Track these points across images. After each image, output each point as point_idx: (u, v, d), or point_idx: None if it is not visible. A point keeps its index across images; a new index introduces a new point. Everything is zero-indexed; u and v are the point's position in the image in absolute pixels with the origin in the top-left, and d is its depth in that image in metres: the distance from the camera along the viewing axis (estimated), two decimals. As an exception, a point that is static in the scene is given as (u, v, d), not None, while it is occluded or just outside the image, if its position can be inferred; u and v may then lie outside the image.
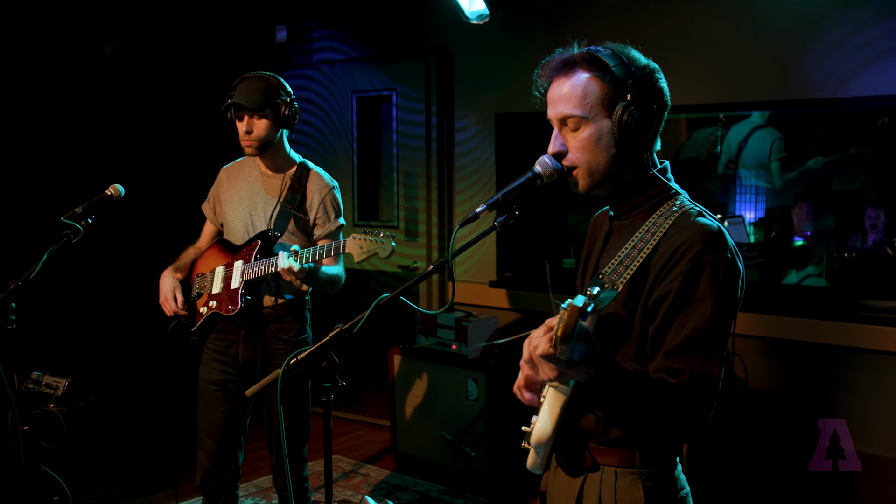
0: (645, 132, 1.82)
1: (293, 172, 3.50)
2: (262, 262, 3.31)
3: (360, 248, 3.03)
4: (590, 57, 1.84)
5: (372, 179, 5.97)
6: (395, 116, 5.62)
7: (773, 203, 4.94)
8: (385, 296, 1.98)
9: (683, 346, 1.71)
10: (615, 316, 1.83)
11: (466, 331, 4.75)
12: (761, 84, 4.32)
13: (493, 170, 5.32)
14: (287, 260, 3.11)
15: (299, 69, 6.03)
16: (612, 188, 1.89)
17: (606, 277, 1.76)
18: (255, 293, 3.41)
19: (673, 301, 1.73)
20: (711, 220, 1.79)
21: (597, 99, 1.82)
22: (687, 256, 1.73)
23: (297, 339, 3.48)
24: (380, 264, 5.69)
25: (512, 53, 5.17)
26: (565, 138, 1.87)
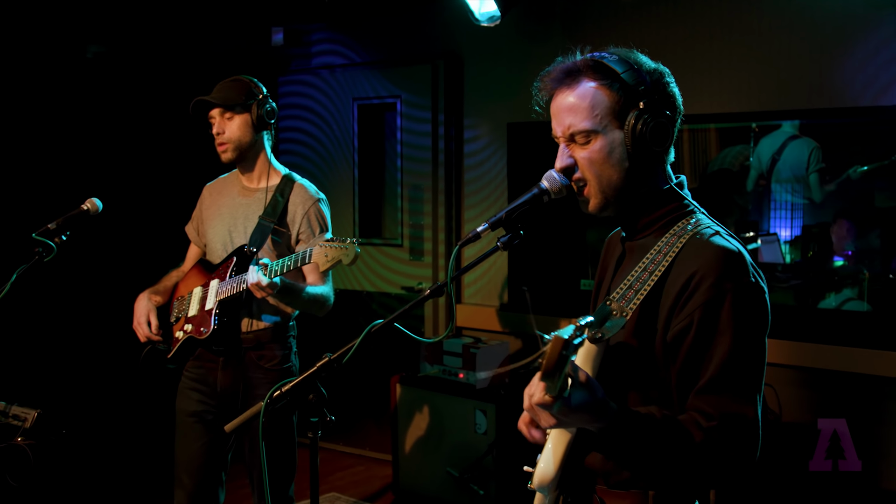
0: (661, 141, 1.81)
1: (277, 185, 3.50)
2: (236, 279, 3.30)
3: (325, 257, 3.00)
4: (595, 64, 1.84)
5: (374, 194, 5.97)
6: (399, 126, 5.63)
7: (810, 219, 4.87)
8: (377, 322, 1.97)
9: (711, 385, 1.68)
10: (625, 346, 1.80)
11: (475, 358, 4.74)
12: (798, 92, 4.29)
13: (505, 184, 5.31)
14: (256, 274, 3.09)
15: (297, 74, 6.06)
16: (624, 206, 1.88)
17: (615, 303, 1.75)
18: (232, 314, 3.40)
19: (695, 336, 1.70)
20: (730, 240, 1.78)
21: (606, 109, 1.81)
22: (706, 284, 1.70)
23: (281, 368, 3.46)
24: (383, 285, 5.66)
25: (526, 58, 5.16)
26: (574, 153, 1.86)
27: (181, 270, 3.70)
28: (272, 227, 3.41)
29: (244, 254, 3.39)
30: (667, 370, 1.76)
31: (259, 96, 3.43)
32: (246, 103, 3.40)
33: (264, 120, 3.42)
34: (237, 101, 3.39)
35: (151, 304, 3.48)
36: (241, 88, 3.42)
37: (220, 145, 3.45)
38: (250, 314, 3.43)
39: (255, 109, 3.41)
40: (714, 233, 1.79)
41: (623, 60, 1.83)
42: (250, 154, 3.49)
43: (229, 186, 3.62)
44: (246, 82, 3.45)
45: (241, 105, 3.40)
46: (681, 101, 1.89)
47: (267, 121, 3.43)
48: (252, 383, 3.43)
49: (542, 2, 5.05)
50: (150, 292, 3.54)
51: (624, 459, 1.73)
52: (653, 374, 1.79)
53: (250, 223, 3.47)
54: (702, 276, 1.70)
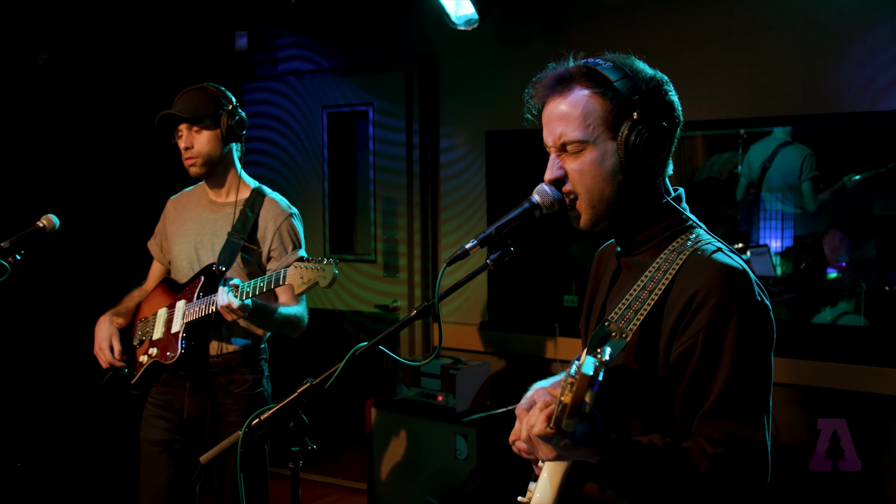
0: (655, 154, 1.81)
1: (246, 199, 3.48)
2: (205, 300, 3.28)
3: (300, 279, 3.00)
4: (588, 71, 1.84)
5: (345, 207, 5.96)
6: (371, 135, 5.61)
7: (802, 230, 4.89)
8: (361, 345, 1.97)
9: (716, 409, 1.69)
10: (626, 370, 1.81)
11: (454, 380, 4.71)
12: (790, 97, 4.31)
13: (484, 195, 5.30)
14: (226, 296, 3.08)
15: (262, 81, 6.04)
16: (619, 220, 1.89)
17: (613, 324, 1.75)
18: (200, 338, 3.37)
19: (700, 358, 1.71)
20: (733, 257, 1.79)
21: (599, 119, 1.81)
22: (709, 304, 1.71)
23: (252, 394, 3.45)
24: (356, 304, 5.63)
25: (505, 63, 5.17)
26: (565, 164, 1.87)
27: (144, 290, 3.66)
28: (242, 244, 3.39)
29: (212, 273, 3.36)
30: (670, 394, 1.77)
31: (228, 106, 3.41)
32: (215, 115, 3.38)
33: (234, 131, 3.40)
34: (206, 113, 3.36)
35: (113, 328, 3.46)
36: (208, 99, 3.39)
37: (188, 159, 3.42)
38: (219, 337, 3.41)
39: (224, 121, 3.38)
40: (716, 249, 1.80)
41: (618, 67, 1.83)
42: (219, 167, 3.47)
43: (195, 200, 3.59)
44: (213, 91, 3.42)
45: (210, 117, 3.37)
46: (680, 111, 1.90)
47: (237, 132, 3.41)
48: (221, 410, 3.40)
49: (522, 4, 5.06)
50: (111, 314, 3.51)
51: (625, 491, 1.73)
52: (656, 399, 1.79)
53: (218, 240, 3.44)
54: (705, 295, 1.71)
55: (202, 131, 3.37)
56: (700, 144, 4.94)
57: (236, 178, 3.51)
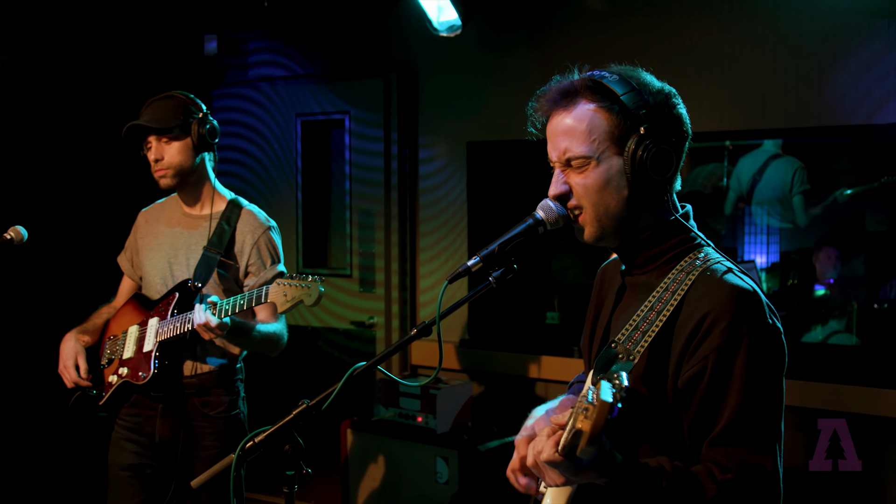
0: (663, 170, 1.83)
1: (222, 211, 3.49)
2: (179, 318, 3.28)
3: (283, 296, 3.03)
4: (593, 84, 1.86)
5: (320, 219, 5.94)
6: (347, 144, 5.61)
7: (789, 245, 4.95)
8: (359, 365, 2.00)
9: (726, 434, 1.72)
10: (633, 393, 1.83)
11: (435, 400, 4.72)
12: (782, 109, 4.37)
13: (465, 208, 5.31)
14: (203, 314, 3.09)
15: (233, 87, 6.03)
16: (624, 237, 1.91)
17: (620, 346, 1.77)
18: (174, 357, 3.38)
19: (709, 382, 1.73)
20: (743, 279, 1.81)
21: (604, 134, 1.84)
22: (719, 327, 1.73)
23: (228, 416, 3.46)
24: (330, 320, 5.65)
25: (487, 71, 5.20)
26: (569, 179, 1.89)
27: (112, 306, 3.66)
28: (218, 258, 3.40)
29: (188, 289, 3.37)
30: (679, 418, 1.80)
31: (199, 114, 3.42)
32: (185, 124, 3.39)
33: (206, 140, 3.41)
34: (175, 122, 3.38)
35: (80, 346, 3.45)
36: (177, 107, 3.40)
37: (157, 171, 3.43)
38: (194, 356, 3.41)
39: (195, 129, 3.39)
40: (726, 269, 1.82)
41: (624, 80, 1.86)
42: (192, 178, 3.48)
43: (168, 213, 3.60)
44: (182, 99, 3.44)
45: (180, 126, 3.39)
46: (689, 125, 1.93)
47: (209, 141, 3.42)
48: (195, 433, 3.40)
49: (506, 10, 5.09)
50: (77, 332, 3.51)
51: None
52: (664, 423, 1.82)
53: (193, 255, 3.45)
54: (715, 317, 1.73)
55: (172, 142, 3.39)
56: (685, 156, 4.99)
57: (211, 190, 3.52)
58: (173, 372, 3.37)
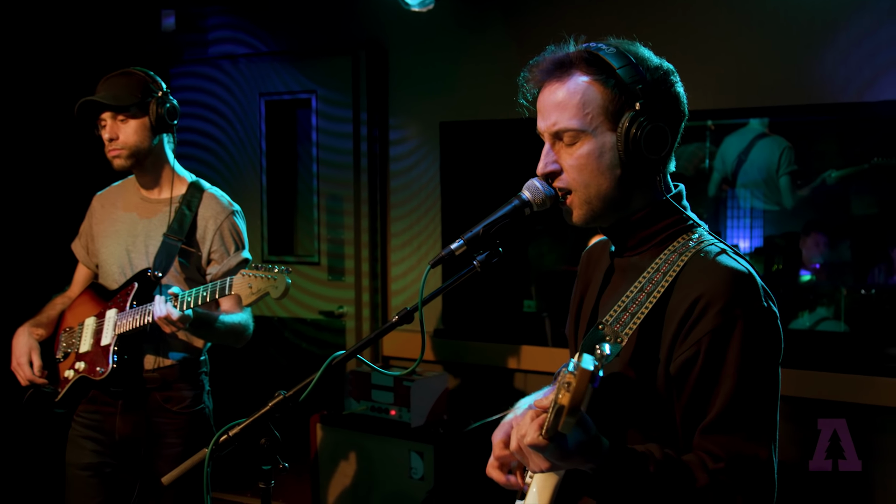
0: (657, 149, 1.83)
1: (182, 195, 3.46)
2: (139, 309, 3.26)
3: (248, 288, 3.01)
4: (589, 56, 1.86)
5: (286, 204, 5.93)
6: (314, 125, 5.60)
7: (773, 229, 4.96)
8: (338, 354, 2.00)
9: (719, 422, 1.73)
10: (621, 378, 1.84)
11: (409, 392, 4.72)
12: (769, 86, 4.38)
13: (438, 192, 5.31)
14: (164, 306, 3.07)
15: (192, 65, 5.99)
16: (615, 218, 1.92)
17: (608, 328, 1.77)
18: (134, 351, 3.35)
19: (702, 367, 1.74)
20: (738, 260, 1.82)
21: (598, 108, 1.84)
22: (713, 310, 1.74)
23: (191, 412, 3.44)
24: (298, 310, 5.63)
25: (461, 49, 5.19)
26: (559, 155, 1.89)
27: (67, 296, 3.62)
28: (179, 246, 3.37)
29: (147, 279, 3.34)
30: (670, 405, 1.80)
31: (158, 93, 3.38)
32: (142, 102, 3.35)
33: (165, 121, 3.37)
34: (132, 100, 3.33)
35: (33, 340, 3.42)
36: (135, 84, 3.36)
37: (111, 150, 3.38)
38: (155, 349, 3.39)
39: (153, 109, 3.35)
40: (720, 251, 1.83)
41: (621, 54, 1.85)
42: (149, 160, 3.44)
43: (125, 197, 3.56)
44: (140, 76, 3.39)
45: (137, 105, 3.34)
46: (686, 104, 1.93)
47: (168, 121, 3.39)
48: (158, 430, 3.38)
49: (481, -16, 5.08)
50: (30, 325, 3.47)
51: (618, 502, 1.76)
52: (654, 410, 1.82)
53: (153, 242, 3.42)
54: (709, 300, 1.74)
55: (128, 120, 3.34)
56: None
57: (170, 172, 3.48)
58: (133, 366, 3.34)
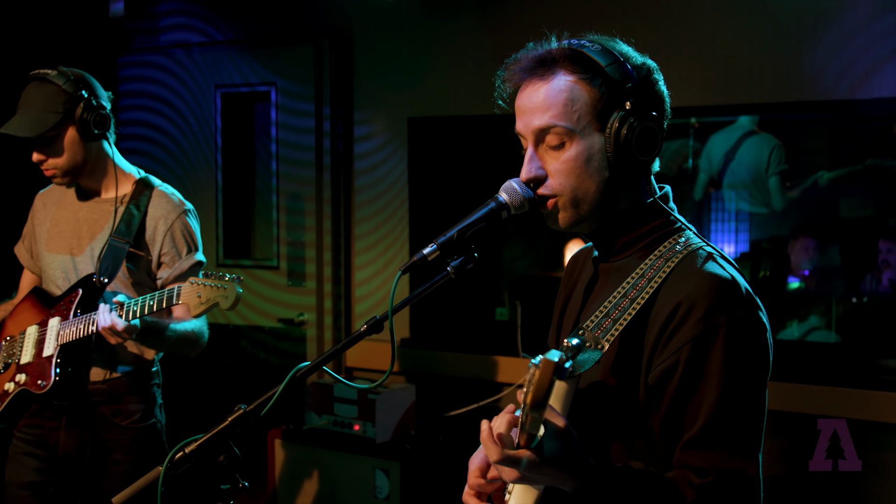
0: (648, 150, 1.86)
1: (130, 194, 3.42)
2: (83, 318, 3.23)
3: (197, 297, 3.01)
4: (573, 54, 1.88)
5: (243, 204, 5.91)
6: (274, 120, 5.58)
7: (760, 233, 4.99)
8: (303, 365, 1.99)
9: (702, 437, 1.74)
10: (602, 386, 1.85)
11: (374, 405, 4.71)
12: (756, 82, 4.39)
13: (406, 191, 5.31)
14: (108, 315, 3.05)
15: (142, 54, 5.95)
16: (599, 221, 1.94)
17: (588, 333, 1.78)
18: (79, 362, 3.31)
19: (682, 378, 1.75)
20: (724, 266, 1.84)
21: (586, 107, 1.86)
22: (694, 317, 1.75)
23: (141, 426, 3.42)
24: (255, 317, 5.62)
25: (432, 39, 5.18)
26: (543, 159, 1.90)
27: (13, 303, 3.59)
28: (127, 249, 3.33)
29: (92, 285, 3.30)
30: (650, 416, 1.82)
31: (81, 101, 3.27)
32: (68, 114, 3.25)
33: (98, 128, 3.28)
34: (53, 119, 3.23)
35: None
36: (53, 97, 3.25)
37: (46, 171, 3.35)
38: (102, 360, 3.36)
39: (80, 120, 3.26)
40: (707, 255, 1.85)
41: (607, 51, 1.87)
42: (87, 168, 3.38)
43: (69, 196, 3.53)
44: (56, 87, 3.26)
45: (61, 121, 3.24)
46: (669, 103, 1.95)
47: (99, 131, 3.30)
48: (105, 446, 3.36)
49: (453, -30, 5.08)
50: None
51: None
52: (636, 421, 1.83)
53: (98, 244, 3.38)
54: (690, 306, 1.75)
55: (56, 141, 3.27)
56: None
57: (115, 170, 3.43)
58: (78, 378, 3.30)
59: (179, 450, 1.96)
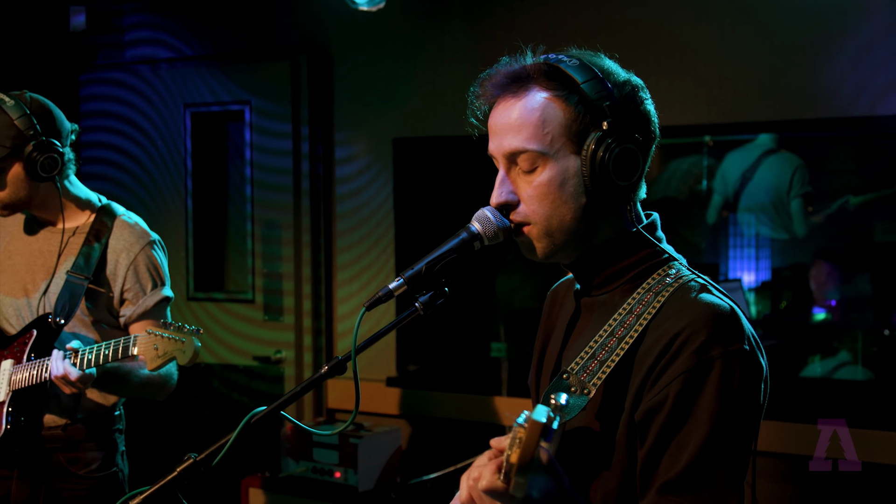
0: (627, 174, 1.85)
1: (91, 224, 3.37)
2: (37, 363, 3.19)
3: (154, 350, 3.00)
4: (549, 70, 1.88)
5: (215, 232, 5.93)
6: (248, 141, 5.61)
7: (781, 260, 4.97)
8: (258, 410, 1.96)
9: (684, 479, 1.73)
10: (587, 432, 1.86)
11: (356, 450, 4.72)
12: (769, 98, 4.39)
13: (392, 217, 5.30)
14: (61, 363, 3.02)
15: (106, 71, 5.98)
16: (579, 252, 1.93)
17: (573, 377, 1.79)
18: (32, 410, 3.27)
19: (670, 414, 1.74)
20: (721, 297, 1.84)
21: (560, 128, 1.86)
22: (688, 350, 1.75)
23: (101, 476, 3.38)
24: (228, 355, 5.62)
25: (417, 54, 5.20)
26: (515, 183, 1.91)
27: None
28: (85, 286, 3.28)
29: (48, 326, 3.25)
30: (633, 457, 1.81)
31: (32, 140, 3.19)
32: (16, 149, 3.18)
33: (40, 174, 3.20)
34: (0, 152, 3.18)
35: None
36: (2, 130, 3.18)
37: None
38: (59, 404, 3.31)
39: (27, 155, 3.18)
40: (700, 287, 1.85)
41: (585, 67, 1.87)
42: (34, 202, 3.32)
43: (24, 223, 3.47)
44: (8, 119, 3.19)
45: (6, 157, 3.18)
46: (657, 123, 1.95)
47: (46, 174, 3.22)
48: (60, 497, 3.32)
49: (440, -19, 5.12)
50: None
51: None
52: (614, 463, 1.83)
53: (55, 280, 3.33)
54: (684, 339, 1.75)
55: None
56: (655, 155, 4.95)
57: (71, 199, 3.39)
58: (31, 426, 3.26)
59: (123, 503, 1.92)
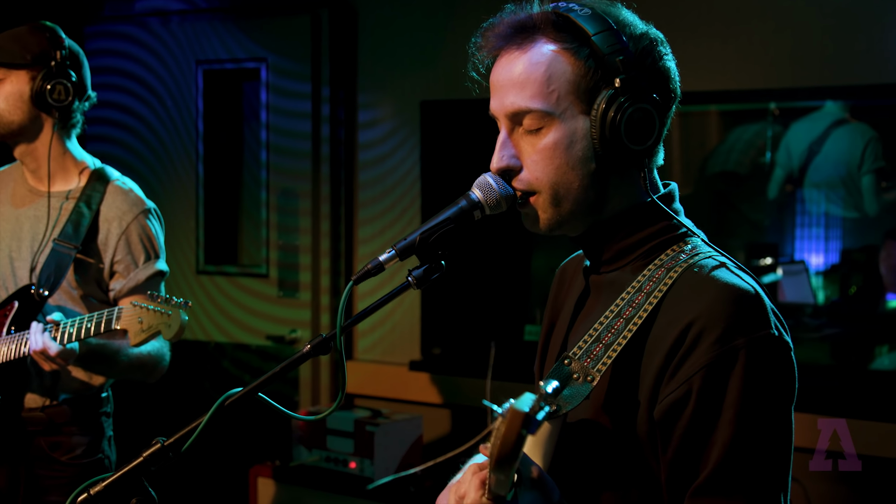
0: (641, 137, 1.83)
1: (82, 188, 3.40)
2: (17, 336, 3.22)
3: (139, 323, 3.03)
4: (558, 19, 1.86)
5: (228, 201, 5.95)
6: (264, 102, 5.61)
7: (852, 241, 4.92)
8: (233, 392, 1.96)
9: (717, 483, 1.72)
10: (593, 426, 1.84)
11: (373, 438, 4.73)
12: (842, 62, 4.33)
13: (418, 187, 5.31)
14: (40, 336, 3.04)
15: (112, 23, 6.00)
16: (588, 224, 1.92)
17: (575, 363, 1.77)
18: (12, 387, 3.30)
19: (694, 411, 1.73)
20: (742, 276, 1.83)
21: (568, 85, 1.84)
22: (708, 339, 1.73)
23: (85, 462, 3.41)
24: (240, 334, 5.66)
25: (448, 9, 5.18)
26: (518, 146, 1.89)
27: None
28: (74, 255, 3.31)
29: (30, 297, 3.28)
30: (654, 460, 1.80)
31: (55, 63, 3.28)
32: (32, 63, 3.27)
33: (45, 100, 3.28)
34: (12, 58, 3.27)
35: None
36: (32, 43, 3.29)
37: None
38: (41, 384, 3.34)
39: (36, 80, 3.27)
40: (718, 265, 1.83)
41: (598, 16, 1.84)
42: (24, 138, 3.38)
43: (12, 186, 3.53)
44: (42, 37, 3.31)
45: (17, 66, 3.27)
46: (678, 82, 1.92)
47: (50, 103, 3.30)
48: (42, 485, 3.37)
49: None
50: None
51: None
52: (634, 467, 1.81)
53: (41, 248, 3.37)
54: (703, 326, 1.72)
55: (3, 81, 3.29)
56: (714, 123, 4.90)
57: (63, 158, 3.43)
58: (11, 406, 3.30)
59: (83, 491, 1.91)
